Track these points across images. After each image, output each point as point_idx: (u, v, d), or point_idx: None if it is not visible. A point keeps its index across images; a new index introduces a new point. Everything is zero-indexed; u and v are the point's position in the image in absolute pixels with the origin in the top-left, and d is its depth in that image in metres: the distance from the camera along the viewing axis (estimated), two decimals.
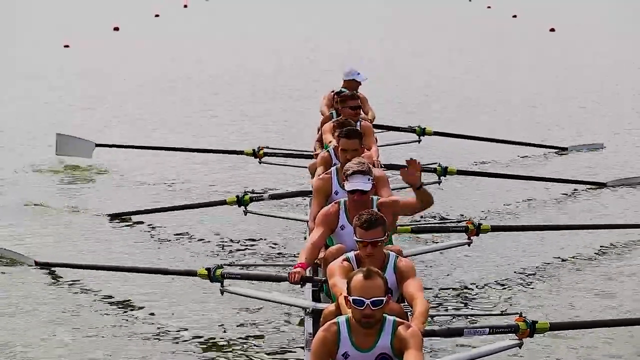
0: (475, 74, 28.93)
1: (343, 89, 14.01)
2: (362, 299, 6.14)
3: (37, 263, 10.66)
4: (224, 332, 8.97)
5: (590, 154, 17.37)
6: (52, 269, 10.57)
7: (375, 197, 8.47)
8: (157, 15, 62.85)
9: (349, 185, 8.24)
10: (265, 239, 12.04)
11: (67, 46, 40.24)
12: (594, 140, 18.36)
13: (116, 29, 50.84)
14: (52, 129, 18.09)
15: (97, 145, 16.32)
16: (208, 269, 8.73)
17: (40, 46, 40.90)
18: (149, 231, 12.49)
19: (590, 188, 14.58)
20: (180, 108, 22.64)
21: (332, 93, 14.31)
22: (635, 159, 17.05)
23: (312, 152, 13.77)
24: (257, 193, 12.43)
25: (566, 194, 14.40)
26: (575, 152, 17.51)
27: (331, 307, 7.10)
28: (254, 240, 12.01)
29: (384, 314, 6.23)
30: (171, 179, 15.57)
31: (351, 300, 6.18)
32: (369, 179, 8.24)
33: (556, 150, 17.60)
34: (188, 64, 32.34)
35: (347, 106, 12.30)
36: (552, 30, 47.33)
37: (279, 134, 19.62)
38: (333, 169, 9.52)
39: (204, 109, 22.62)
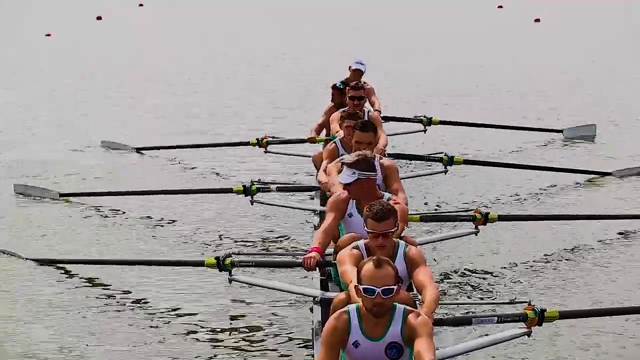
0: (475, 74, 28.90)
1: (343, 82, 14.12)
2: (372, 287, 6.12)
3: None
4: (232, 321, 8.96)
5: (588, 145, 17.42)
6: (55, 264, 10.51)
7: (387, 195, 8.35)
8: (140, 5, 62.59)
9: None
10: (272, 228, 12.04)
11: (48, 35, 40.21)
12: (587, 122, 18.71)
13: (99, 18, 50.90)
14: (53, 127, 18.12)
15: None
16: (217, 258, 8.68)
17: (23, 34, 40.81)
18: (152, 220, 12.50)
19: (596, 177, 14.60)
20: (180, 108, 22.56)
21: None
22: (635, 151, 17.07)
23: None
24: (263, 183, 12.42)
25: (571, 183, 14.42)
26: (569, 137, 17.77)
27: (341, 295, 7.06)
28: (260, 229, 12.01)
29: (394, 303, 6.23)
30: (175, 172, 15.61)
31: (362, 289, 6.16)
32: (353, 172, 8.07)
33: (552, 132, 17.83)
34: (186, 65, 32.15)
35: (349, 96, 12.43)
36: (537, 20, 47.52)
37: (285, 122, 19.68)
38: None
39: (203, 109, 22.48)
